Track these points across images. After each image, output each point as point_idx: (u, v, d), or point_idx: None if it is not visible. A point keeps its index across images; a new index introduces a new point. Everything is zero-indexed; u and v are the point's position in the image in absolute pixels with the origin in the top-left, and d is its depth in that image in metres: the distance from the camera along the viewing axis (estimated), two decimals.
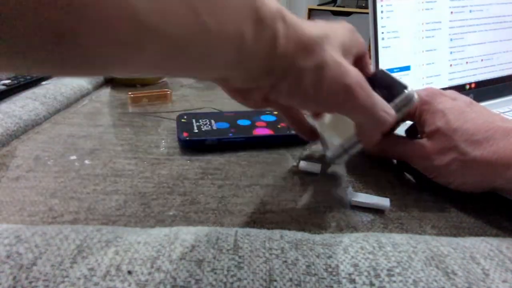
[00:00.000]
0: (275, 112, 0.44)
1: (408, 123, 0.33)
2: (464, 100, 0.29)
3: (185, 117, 0.40)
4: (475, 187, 0.26)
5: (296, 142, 0.37)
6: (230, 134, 0.36)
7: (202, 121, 0.39)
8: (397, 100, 0.27)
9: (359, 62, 0.29)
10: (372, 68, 0.38)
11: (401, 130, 0.35)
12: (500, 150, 0.24)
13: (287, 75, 0.20)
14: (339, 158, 0.29)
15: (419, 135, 0.32)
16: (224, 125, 0.39)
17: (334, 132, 0.30)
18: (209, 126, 0.38)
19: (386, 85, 0.29)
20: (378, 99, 0.23)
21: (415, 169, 0.29)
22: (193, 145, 0.36)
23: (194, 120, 0.39)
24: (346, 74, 0.21)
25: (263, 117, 0.42)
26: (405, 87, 0.27)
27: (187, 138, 0.35)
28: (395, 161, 0.35)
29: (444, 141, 0.27)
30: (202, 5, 0.14)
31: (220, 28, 0.15)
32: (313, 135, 0.31)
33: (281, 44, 0.19)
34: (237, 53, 0.17)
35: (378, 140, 0.26)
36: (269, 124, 0.40)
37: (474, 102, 0.29)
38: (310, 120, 0.32)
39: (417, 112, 0.30)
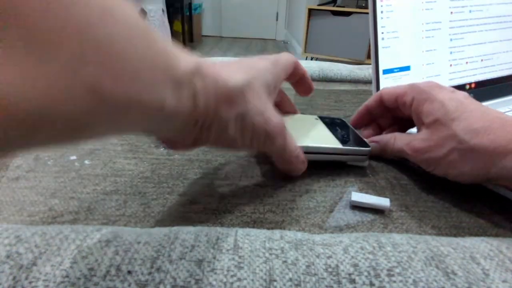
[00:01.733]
0: None
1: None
2: (462, 93, 0.29)
3: None
4: (471, 178, 0.26)
5: None
6: None
7: None
8: (356, 148, 0.31)
9: (300, 83, 0.33)
10: (372, 69, 0.39)
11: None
12: (497, 139, 0.24)
13: (212, 126, 0.21)
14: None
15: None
16: None
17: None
18: None
19: (352, 136, 0.33)
20: (291, 146, 0.27)
21: None
22: None
23: None
24: (268, 122, 0.24)
25: None
26: (368, 145, 0.32)
27: None
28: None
29: (443, 131, 0.27)
30: (108, 82, 0.13)
31: (138, 98, 0.15)
32: None
33: (201, 100, 0.20)
34: (159, 115, 0.17)
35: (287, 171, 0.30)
36: None
37: (470, 97, 0.29)
38: None
39: (414, 102, 0.30)
